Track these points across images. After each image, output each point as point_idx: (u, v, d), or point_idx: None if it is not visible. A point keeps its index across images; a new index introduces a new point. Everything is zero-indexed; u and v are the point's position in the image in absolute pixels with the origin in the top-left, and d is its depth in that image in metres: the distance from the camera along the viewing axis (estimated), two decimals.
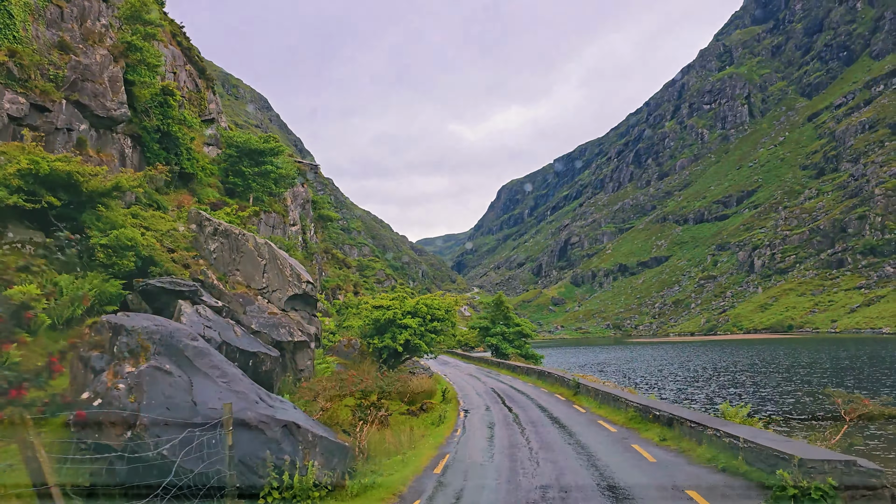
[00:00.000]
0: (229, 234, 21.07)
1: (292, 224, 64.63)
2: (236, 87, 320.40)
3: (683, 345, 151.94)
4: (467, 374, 53.11)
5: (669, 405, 21.73)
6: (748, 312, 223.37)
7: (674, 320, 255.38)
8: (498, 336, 68.25)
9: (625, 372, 69.74)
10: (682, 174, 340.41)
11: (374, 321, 30.68)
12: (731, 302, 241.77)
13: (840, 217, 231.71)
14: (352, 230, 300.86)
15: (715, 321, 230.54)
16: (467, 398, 32.08)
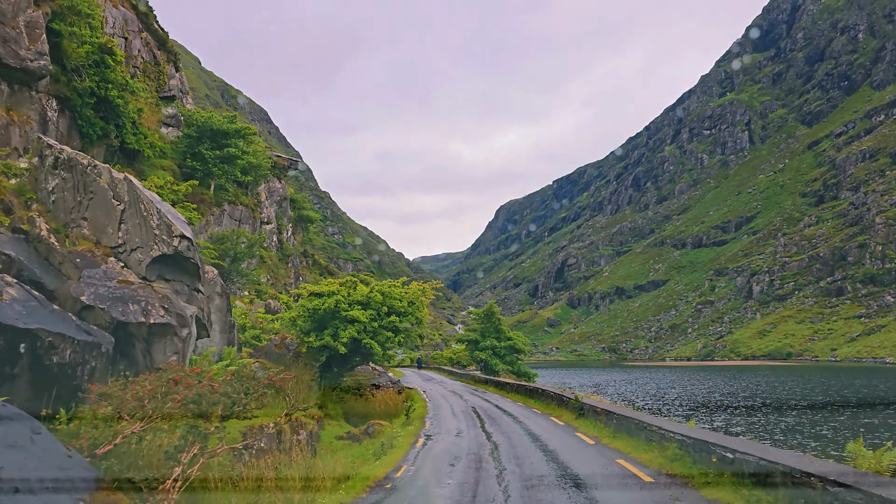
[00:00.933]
0: (74, 167, 14.65)
1: (266, 222, 58.31)
2: (235, 97, 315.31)
3: (682, 369, 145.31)
4: (450, 390, 46.66)
5: (750, 443, 13.76)
6: (746, 339, 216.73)
7: (670, 345, 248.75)
8: (488, 351, 61.52)
9: (623, 394, 63.12)
10: (681, 198, 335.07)
11: (311, 312, 23.97)
12: (729, 328, 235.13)
13: (840, 245, 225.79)
14: (347, 244, 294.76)
15: (712, 347, 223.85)
16: (438, 419, 26.00)
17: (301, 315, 24.83)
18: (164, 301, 13.70)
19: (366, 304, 24.08)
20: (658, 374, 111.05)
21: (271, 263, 56.51)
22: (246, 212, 49.75)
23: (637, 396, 59.41)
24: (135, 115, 38.93)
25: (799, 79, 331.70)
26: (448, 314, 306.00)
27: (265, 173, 52.81)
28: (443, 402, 35.78)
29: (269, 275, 55.13)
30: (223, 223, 45.46)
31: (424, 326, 26.12)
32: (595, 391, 65.00)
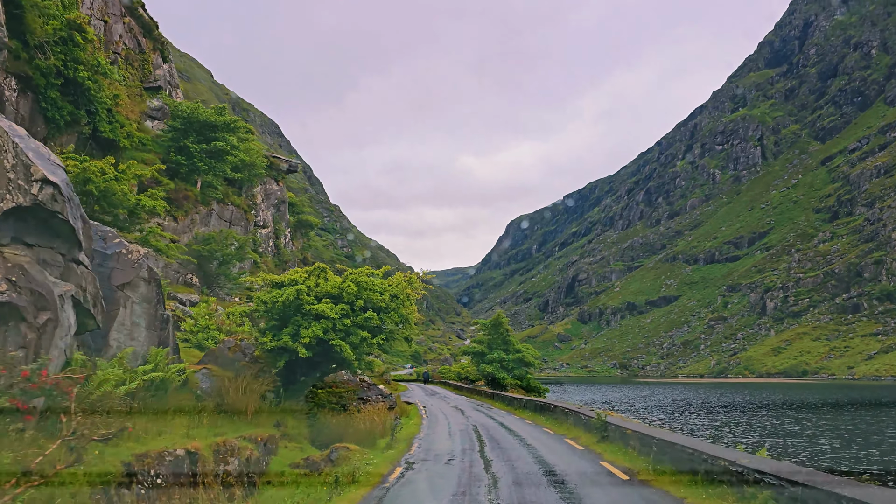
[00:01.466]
0: None
1: (262, 225, 54.68)
2: (247, 111, 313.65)
3: (697, 386, 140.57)
4: (452, 406, 42.78)
5: None
6: (760, 356, 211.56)
7: (682, 361, 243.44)
8: (495, 364, 57.34)
9: (639, 411, 58.85)
10: (693, 214, 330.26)
11: (268, 306, 19.49)
12: (743, 344, 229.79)
13: (856, 261, 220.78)
14: (357, 257, 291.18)
15: (725, 364, 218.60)
16: (430, 440, 22.34)
17: (257, 310, 20.31)
18: (13, 272, 9.87)
19: (337, 296, 19.99)
20: (673, 391, 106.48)
21: (267, 269, 52.80)
22: (238, 213, 46.15)
23: (658, 414, 55.26)
24: (110, 102, 35.43)
25: (812, 94, 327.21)
26: (457, 329, 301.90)
27: (259, 172, 49.30)
28: (441, 418, 31.94)
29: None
30: (211, 223, 41.86)
31: (412, 327, 21.81)
32: (608, 408, 60.88)
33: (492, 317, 63.69)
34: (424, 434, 23.48)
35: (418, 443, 20.52)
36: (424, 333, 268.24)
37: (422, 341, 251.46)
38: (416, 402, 46.42)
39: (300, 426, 16.10)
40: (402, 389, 68.87)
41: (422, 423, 28.83)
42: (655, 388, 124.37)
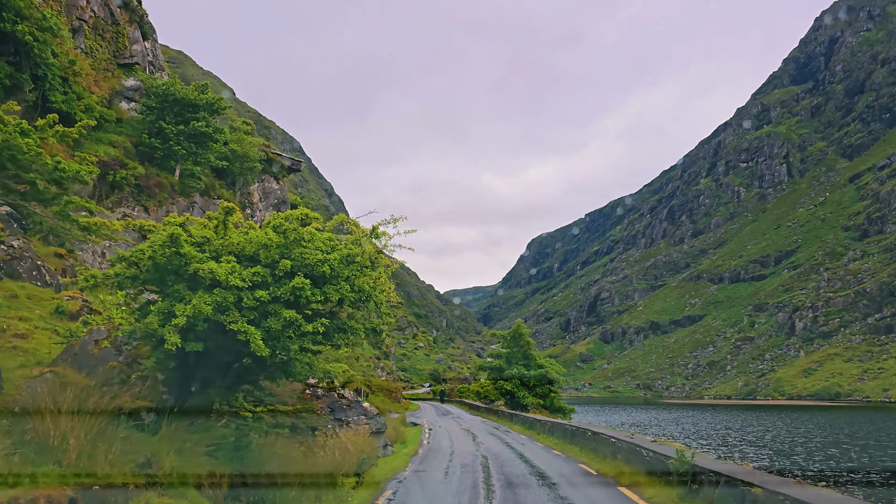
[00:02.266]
0: None
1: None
2: (269, 128, 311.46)
3: (729, 409, 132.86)
4: (463, 428, 36.69)
5: None
6: (790, 377, 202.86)
7: (708, 382, 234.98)
8: (514, 381, 51.00)
9: (678, 437, 52.21)
10: (718, 232, 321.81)
11: (134, 262, 11.58)
12: (771, 365, 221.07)
13: (888, 280, 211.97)
14: None
15: (754, 385, 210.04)
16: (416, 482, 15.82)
17: (120, 274, 11.75)
18: None
19: (252, 257, 12.22)
20: (704, 414, 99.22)
21: None
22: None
23: (700, 441, 48.64)
24: (64, 69, 29.97)
25: (838, 111, 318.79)
26: (477, 347, 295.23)
27: (254, 166, 43.79)
28: (444, 445, 25.87)
29: None
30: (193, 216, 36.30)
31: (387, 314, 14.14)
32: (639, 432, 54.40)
33: (511, 327, 57.28)
34: (411, 471, 17.00)
35: (393, 490, 14.18)
36: (444, 352, 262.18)
37: (441, 360, 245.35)
38: (423, 423, 40.40)
39: (199, 464, 10.08)
40: (413, 409, 62.77)
41: (417, 452, 22.76)
42: (683, 411, 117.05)
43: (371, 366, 67.17)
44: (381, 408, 51.19)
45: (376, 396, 56.46)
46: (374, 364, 68.42)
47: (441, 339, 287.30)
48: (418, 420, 42.42)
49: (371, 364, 67.74)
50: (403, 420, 38.03)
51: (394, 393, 59.98)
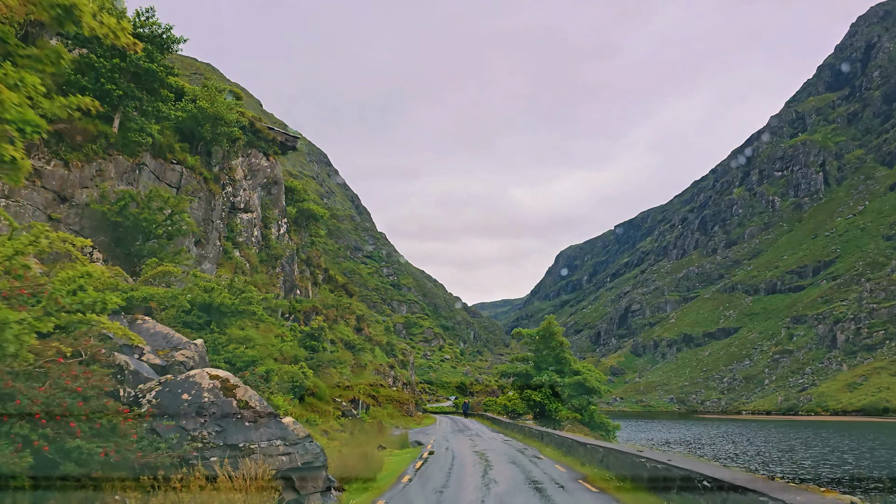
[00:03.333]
0: None
1: (242, 208, 41.44)
2: (295, 138, 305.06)
3: (775, 425, 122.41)
4: (478, 451, 28.34)
5: None
6: (833, 392, 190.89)
7: (745, 397, 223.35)
8: (544, 390, 42.36)
9: (743, 460, 43.16)
10: (752, 242, 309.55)
11: None
12: (812, 379, 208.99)
13: None
14: (402, 286, 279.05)
15: (795, 400, 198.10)
16: None
17: None
18: None
19: None
20: (749, 430, 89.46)
21: (249, 264, 39.64)
22: (193, 179, 33.02)
23: (771, 462, 39.73)
24: None
25: (876, 118, 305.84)
26: (506, 360, 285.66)
27: (231, 132, 36.14)
28: (435, 482, 17.59)
29: (240, 279, 38.06)
30: (139, 182, 28.72)
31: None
32: (687, 450, 45.61)
33: (540, 325, 48.09)
34: None
35: None
36: (471, 364, 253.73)
37: (468, 372, 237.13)
38: (429, 442, 32.26)
39: None
40: (428, 423, 54.63)
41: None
42: (726, 426, 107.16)
43: (382, 374, 59.29)
44: (386, 421, 43.11)
45: (383, 409, 48.56)
46: (385, 372, 60.52)
47: (468, 352, 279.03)
48: (425, 438, 34.36)
49: (383, 372, 59.85)
50: (404, 439, 30.01)
51: (405, 405, 51.97)
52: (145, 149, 29.09)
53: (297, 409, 29.35)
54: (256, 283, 40.18)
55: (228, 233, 39.52)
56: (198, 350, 16.39)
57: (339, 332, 52.83)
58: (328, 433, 29.22)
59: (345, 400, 35.36)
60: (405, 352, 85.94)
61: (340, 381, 42.22)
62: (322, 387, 34.16)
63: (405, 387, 70.59)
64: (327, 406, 32.67)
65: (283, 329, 39.37)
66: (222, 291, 22.60)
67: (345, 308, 58.85)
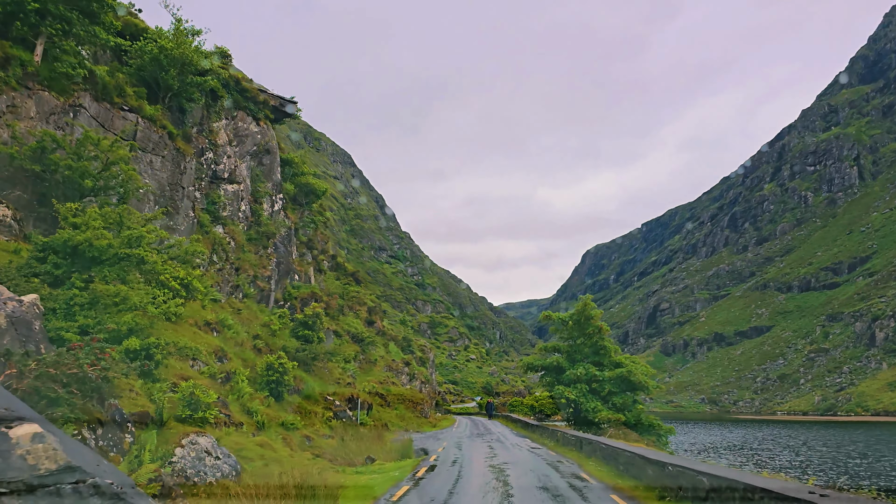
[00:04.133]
0: None
1: (226, 178, 35.63)
2: (319, 140, 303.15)
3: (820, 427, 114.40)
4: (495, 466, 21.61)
5: None
6: (874, 391, 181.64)
7: (780, 397, 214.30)
8: (580, 386, 35.79)
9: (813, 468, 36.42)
10: (784, 239, 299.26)
11: None
12: (850, 379, 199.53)
13: None
14: (427, 286, 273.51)
15: (833, 400, 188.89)
16: None
17: None
18: None
19: None
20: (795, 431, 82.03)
21: (225, 239, 33.84)
22: (152, 131, 27.21)
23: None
24: None
25: None
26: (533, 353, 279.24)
27: (203, 82, 30.40)
28: None
29: (220, 257, 32.33)
30: (73, 128, 22.93)
31: None
32: (745, 458, 38.89)
33: (575, 306, 40.74)
34: None
35: None
36: (497, 364, 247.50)
37: (494, 372, 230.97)
38: (436, 450, 26.17)
39: None
40: (446, 425, 48.56)
41: None
42: (769, 428, 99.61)
43: (395, 372, 53.17)
44: (394, 423, 37.03)
45: (392, 409, 42.58)
46: (398, 369, 54.43)
47: (494, 352, 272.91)
48: (434, 445, 28.36)
49: (396, 369, 53.76)
50: (406, 446, 23.96)
51: (420, 405, 45.87)
52: (83, 87, 23.30)
53: (271, 409, 23.37)
54: (245, 264, 34.36)
55: (209, 205, 33.77)
56: (16, 313, 10.38)
57: (345, 324, 47.04)
58: (311, 439, 23.25)
59: (340, 399, 29.54)
60: (424, 348, 79.84)
61: (342, 377, 36.32)
62: (310, 382, 28.24)
63: (423, 386, 64.50)
64: (314, 406, 26.76)
65: (271, 316, 33.44)
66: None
67: (352, 296, 52.94)
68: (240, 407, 22.04)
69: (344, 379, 35.98)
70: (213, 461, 12.33)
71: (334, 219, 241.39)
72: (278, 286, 38.15)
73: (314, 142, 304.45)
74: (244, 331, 29.95)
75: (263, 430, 20.37)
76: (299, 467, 15.01)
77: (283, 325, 33.20)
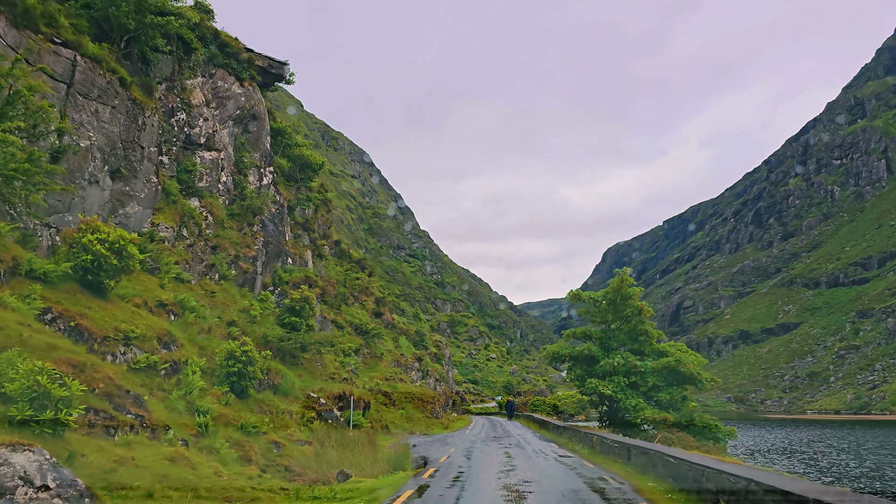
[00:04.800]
0: None
1: (204, 144, 30.82)
2: (336, 139, 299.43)
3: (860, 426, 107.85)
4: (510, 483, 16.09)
5: None
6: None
7: (809, 395, 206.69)
8: (618, 379, 29.64)
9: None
10: (811, 234, 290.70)
11: None
12: (883, 376, 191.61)
13: None
14: (447, 285, 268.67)
15: (866, 398, 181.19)
16: None
17: None
18: None
19: None
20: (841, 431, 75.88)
21: (198, 212, 29.02)
22: (96, 75, 22.37)
23: None
24: None
25: None
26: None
27: (170, 28, 25.61)
28: None
29: (191, 232, 27.50)
30: None
31: None
32: (813, 467, 33.41)
33: (610, 282, 34.70)
34: None
35: None
36: (518, 364, 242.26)
37: (515, 371, 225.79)
38: (440, 458, 20.97)
39: None
40: (459, 426, 43.41)
41: None
42: (808, 428, 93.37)
43: (405, 367, 48.02)
44: (397, 425, 31.99)
45: (398, 409, 37.45)
46: (408, 364, 49.27)
47: (515, 351, 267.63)
48: (439, 451, 23.27)
49: (406, 365, 48.62)
50: (402, 454, 18.90)
51: (430, 404, 40.74)
52: (3, 13, 18.47)
53: (231, 407, 18.40)
54: (225, 241, 29.49)
55: (181, 173, 28.95)
56: None
57: (348, 315, 42.10)
58: (280, 447, 18.24)
59: (327, 396, 24.59)
60: (440, 344, 74.49)
61: (338, 371, 31.36)
62: (290, 377, 23.23)
63: (438, 384, 59.38)
64: (292, 405, 21.75)
65: (253, 301, 28.51)
66: None
67: (356, 285, 47.64)
68: (186, 405, 17.08)
69: (340, 374, 31.04)
70: (33, 494, 7.38)
71: (352, 218, 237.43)
72: (266, 269, 33.24)
73: (331, 141, 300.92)
74: (215, 316, 25.03)
75: (207, 436, 15.41)
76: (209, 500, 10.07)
77: (266, 311, 28.33)
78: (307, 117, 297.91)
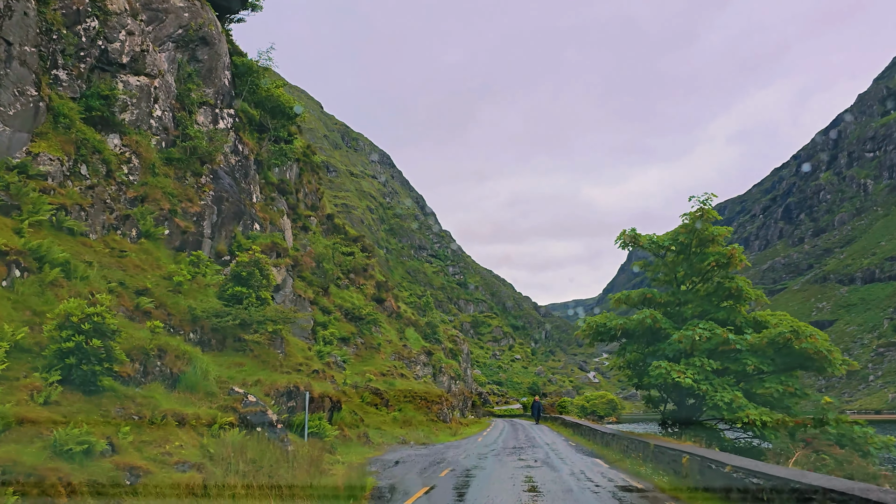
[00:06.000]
0: None
1: (127, 65, 23.08)
2: (356, 139, 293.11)
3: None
4: None
5: None
6: None
7: (848, 394, 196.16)
8: (703, 361, 19.55)
9: None
10: (844, 229, 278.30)
11: None
12: None
13: None
14: (469, 285, 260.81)
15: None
16: None
17: None
18: None
19: None
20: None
21: (115, 151, 21.45)
22: None
23: None
24: None
25: None
26: (580, 360, 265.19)
27: None
28: None
29: (95, 171, 19.87)
30: None
31: None
32: None
33: (689, 215, 24.61)
34: None
35: None
36: (543, 364, 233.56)
37: (541, 372, 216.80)
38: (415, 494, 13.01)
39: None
40: (472, 431, 35.40)
41: None
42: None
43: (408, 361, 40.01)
44: (382, 431, 23.99)
45: (392, 411, 29.55)
46: (413, 358, 41.26)
47: (540, 352, 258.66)
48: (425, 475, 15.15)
49: (410, 358, 40.64)
50: (356, 484, 10.71)
51: (436, 405, 32.80)
52: None
53: (53, 407, 10.44)
54: (152, 190, 21.72)
55: (93, 99, 21.39)
56: None
57: (338, 298, 34.39)
58: (138, 475, 10.27)
59: (266, 392, 16.87)
60: (456, 339, 66.25)
61: (308, 361, 23.60)
62: (203, 364, 15.38)
63: (454, 382, 51.35)
64: (195, 406, 13.89)
65: (179, 265, 20.73)
66: None
67: (345, 260, 39.37)
68: None
69: (311, 365, 23.33)
70: None
71: (372, 218, 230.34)
72: (220, 233, 25.54)
73: (352, 142, 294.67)
74: (116, 281, 17.26)
75: None
76: None
77: (203, 281, 20.72)
78: (327, 118, 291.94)
